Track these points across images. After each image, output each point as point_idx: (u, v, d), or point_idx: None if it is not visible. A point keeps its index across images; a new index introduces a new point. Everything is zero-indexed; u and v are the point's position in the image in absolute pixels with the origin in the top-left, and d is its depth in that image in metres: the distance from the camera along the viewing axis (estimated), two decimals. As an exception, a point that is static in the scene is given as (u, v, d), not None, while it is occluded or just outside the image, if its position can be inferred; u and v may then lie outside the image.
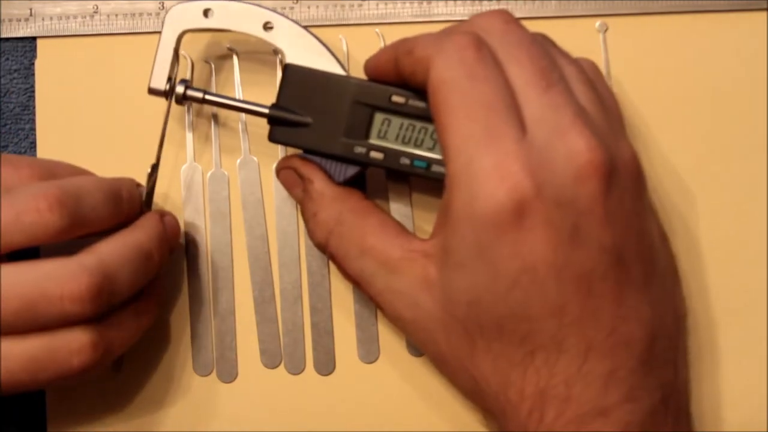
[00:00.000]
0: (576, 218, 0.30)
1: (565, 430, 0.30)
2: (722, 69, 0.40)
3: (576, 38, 0.39)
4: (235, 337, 0.39)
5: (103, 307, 0.32)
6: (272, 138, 0.36)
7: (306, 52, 0.36)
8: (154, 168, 0.37)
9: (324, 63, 0.36)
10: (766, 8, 0.40)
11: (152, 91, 0.37)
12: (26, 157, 0.35)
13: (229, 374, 0.39)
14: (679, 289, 0.35)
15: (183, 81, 0.37)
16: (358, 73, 0.37)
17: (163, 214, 0.37)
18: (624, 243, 0.31)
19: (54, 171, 0.35)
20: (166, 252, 0.36)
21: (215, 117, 0.40)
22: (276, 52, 0.40)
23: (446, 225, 0.32)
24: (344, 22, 0.40)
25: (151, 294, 0.36)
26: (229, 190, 0.40)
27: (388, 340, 0.39)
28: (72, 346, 0.32)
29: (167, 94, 0.37)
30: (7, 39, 0.41)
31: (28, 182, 0.33)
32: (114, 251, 0.33)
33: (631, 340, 0.31)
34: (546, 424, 0.30)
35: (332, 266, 0.39)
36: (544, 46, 0.33)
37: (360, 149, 0.36)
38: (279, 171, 0.38)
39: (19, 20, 0.41)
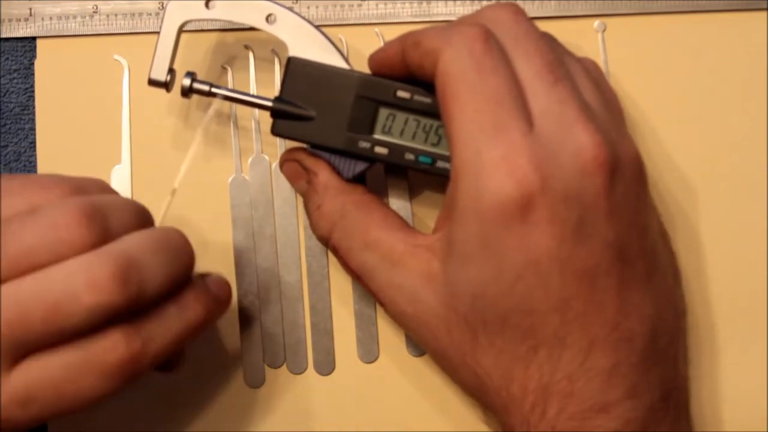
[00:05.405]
0: (581, 213, 0.30)
1: (567, 425, 0.30)
2: (722, 69, 0.40)
3: (575, 38, 0.39)
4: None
5: (134, 296, 0.29)
6: (275, 131, 0.36)
7: (309, 45, 0.36)
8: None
9: (327, 56, 0.36)
10: (766, 8, 0.40)
11: (152, 83, 0.36)
12: (55, 175, 0.32)
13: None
14: (679, 287, 0.35)
15: (189, 73, 0.36)
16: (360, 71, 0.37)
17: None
18: (627, 239, 0.31)
19: (84, 187, 0.31)
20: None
21: (235, 120, 0.40)
22: (274, 52, 0.40)
23: (451, 218, 0.32)
24: (344, 22, 0.40)
25: (197, 291, 0.32)
26: (251, 195, 0.40)
27: (388, 340, 0.39)
28: (106, 345, 0.29)
29: (167, 85, 0.37)
30: (7, 39, 0.41)
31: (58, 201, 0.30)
32: (138, 240, 0.30)
33: (633, 336, 0.31)
34: (548, 420, 0.30)
35: (332, 267, 0.39)
36: (550, 41, 0.34)
37: (364, 144, 0.35)
38: (283, 162, 0.38)
39: (19, 20, 0.41)
